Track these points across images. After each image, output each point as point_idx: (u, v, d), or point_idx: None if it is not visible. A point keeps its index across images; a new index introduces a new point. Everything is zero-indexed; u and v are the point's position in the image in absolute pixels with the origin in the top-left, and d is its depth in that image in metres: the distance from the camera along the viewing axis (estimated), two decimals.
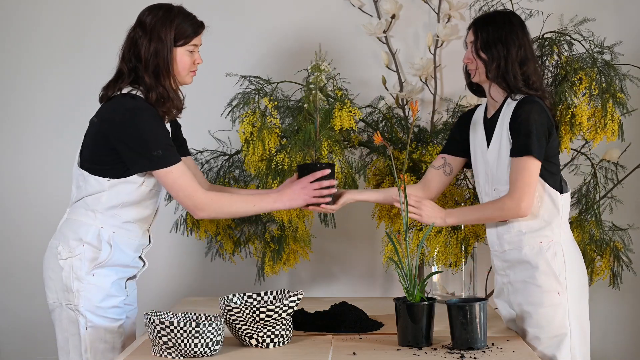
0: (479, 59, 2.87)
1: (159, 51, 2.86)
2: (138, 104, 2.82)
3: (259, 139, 3.27)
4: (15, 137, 4.03)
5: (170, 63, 2.87)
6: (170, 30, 2.87)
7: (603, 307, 3.88)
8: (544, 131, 2.78)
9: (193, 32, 2.92)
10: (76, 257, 2.83)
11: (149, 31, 2.87)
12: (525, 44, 2.86)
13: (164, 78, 2.87)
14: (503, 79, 2.84)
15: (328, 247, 3.97)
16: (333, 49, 3.91)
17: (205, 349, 2.52)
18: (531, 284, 2.82)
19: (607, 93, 3.16)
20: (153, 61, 2.86)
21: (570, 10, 3.51)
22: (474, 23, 2.93)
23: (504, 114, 2.85)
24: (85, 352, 2.84)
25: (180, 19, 2.90)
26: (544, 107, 2.81)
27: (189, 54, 2.92)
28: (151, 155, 2.78)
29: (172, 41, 2.88)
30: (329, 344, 2.71)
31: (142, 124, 2.79)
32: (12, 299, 4.02)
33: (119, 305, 2.90)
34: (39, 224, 3.97)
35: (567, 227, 2.88)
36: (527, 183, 2.75)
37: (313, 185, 2.97)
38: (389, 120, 3.61)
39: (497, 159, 2.85)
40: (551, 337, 2.79)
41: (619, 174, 3.60)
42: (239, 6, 3.97)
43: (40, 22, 3.99)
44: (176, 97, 2.91)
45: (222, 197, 2.91)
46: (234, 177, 3.61)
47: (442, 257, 3.35)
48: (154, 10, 2.91)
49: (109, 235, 2.85)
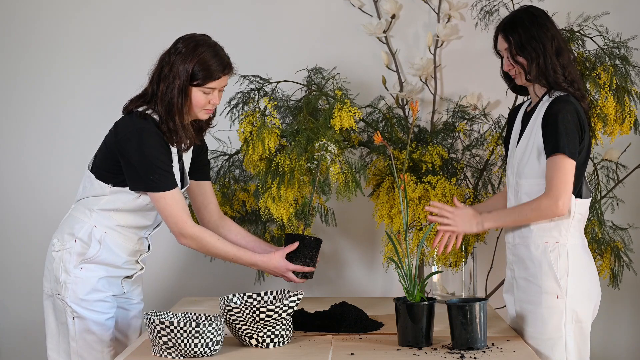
0: (517, 64, 2.84)
1: (174, 86, 2.85)
2: (146, 126, 2.86)
3: (259, 139, 3.27)
4: (17, 136, 4.03)
5: (183, 101, 2.87)
6: (190, 67, 2.85)
7: (603, 307, 3.87)
8: (576, 129, 2.74)
9: (210, 77, 2.87)
10: (66, 251, 2.93)
11: (172, 62, 2.87)
12: (556, 33, 2.84)
13: (174, 114, 2.86)
14: (544, 76, 2.81)
15: (328, 247, 3.96)
16: (333, 49, 3.91)
17: (205, 349, 2.52)
18: (532, 282, 2.81)
19: (623, 88, 3.18)
20: (168, 94, 2.86)
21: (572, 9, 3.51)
22: (501, 29, 2.88)
23: (538, 111, 2.83)
24: (73, 340, 2.92)
25: (205, 58, 2.87)
26: (577, 107, 2.77)
27: (204, 94, 2.90)
28: (147, 178, 2.84)
29: (189, 79, 2.86)
30: (329, 344, 2.71)
31: (144, 146, 2.83)
32: (12, 299, 4.02)
33: (106, 300, 2.96)
34: (39, 223, 3.97)
35: (578, 232, 2.83)
36: (564, 181, 2.71)
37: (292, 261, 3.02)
38: (389, 120, 3.61)
39: (524, 152, 2.84)
40: (546, 339, 2.78)
41: (620, 174, 3.60)
42: (239, 5, 3.97)
43: (41, 23, 3.99)
44: (185, 133, 2.90)
45: (206, 238, 2.93)
46: (234, 177, 3.61)
47: (442, 257, 3.35)
48: (186, 41, 2.90)
49: (101, 235, 2.93)
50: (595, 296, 2.86)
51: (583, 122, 2.78)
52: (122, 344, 3.04)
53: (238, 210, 3.59)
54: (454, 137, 3.63)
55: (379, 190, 3.48)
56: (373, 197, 3.54)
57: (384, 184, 3.47)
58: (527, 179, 2.82)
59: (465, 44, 3.86)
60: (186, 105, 2.88)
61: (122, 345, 3.03)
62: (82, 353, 2.92)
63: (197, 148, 3.09)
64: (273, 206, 3.28)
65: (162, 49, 2.94)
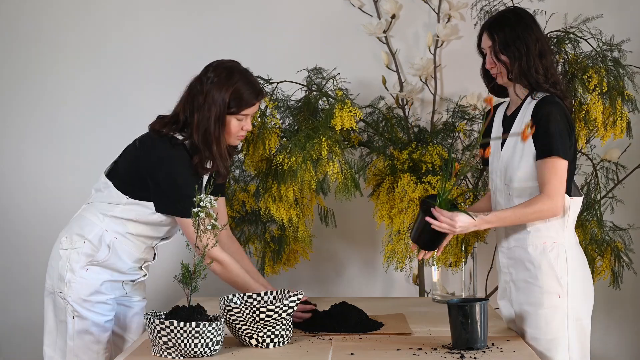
0: (500, 62, 2.84)
1: (211, 116, 2.85)
2: (177, 153, 2.88)
3: (259, 139, 3.27)
4: (18, 139, 4.03)
5: (220, 129, 2.87)
6: (227, 96, 2.86)
7: (603, 307, 3.88)
8: (567, 130, 2.76)
9: (246, 104, 2.89)
10: (75, 250, 2.93)
11: (206, 92, 2.86)
12: (540, 36, 2.84)
13: (211, 143, 2.87)
14: (525, 76, 2.81)
15: (328, 247, 3.97)
16: (333, 49, 3.91)
17: (205, 349, 2.52)
18: (532, 284, 2.81)
19: (615, 91, 3.17)
20: (204, 123, 2.86)
21: (571, 9, 3.51)
22: (487, 27, 2.89)
23: (522, 113, 2.83)
24: (71, 339, 2.93)
25: (239, 86, 2.88)
26: (564, 107, 2.78)
27: (238, 121, 2.91)
28: (176, 204, 2.87)
29: (226, 107, 2.86)
30: (329, 344, 2.71)
31: (176, 174, 2.86)
32: (12, 299, 4.02)
33: (107, 303, 2.98)
34: (39, 224, 3.97)
35: (572, 231, 2.86)
36: (561, 182, 2.73)
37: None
38: (389, 120, 3.61)
39: (512, 156, 2.83)
40: (548, 339, 2.78)
41: (620, 174, 3.60)
42: (239, 6, 3.97)
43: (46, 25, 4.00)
44: (222, 162, 2.91)
45: (231, 265, 2.95)
46: (234, 177, 3.61)
47: (442, 257, 3.35)
48: (217, 68, 2.89)
49: (111, 240, 2.95)
50: (592, 293, 2.87)
51: (571, 122, 2.80)
52: (123, 340, 3.07)
53: (238, 210, 3.59)
54: (454, 137, 3.63)
55: (379, 190, 3.48)
56: (373, 197, 3.54)
57: (384, 184, 3.47)
58: (520, 183, 2.81)
59: (465, 44, 3.86)
60: (222, 134, 2.88)
61: (124, 341, 3.07)
62: (78, 352, 2.94)
63: None
64: (273, 206, 3.28)
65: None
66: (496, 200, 2.93)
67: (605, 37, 3.34)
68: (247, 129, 2.94)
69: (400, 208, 3.36)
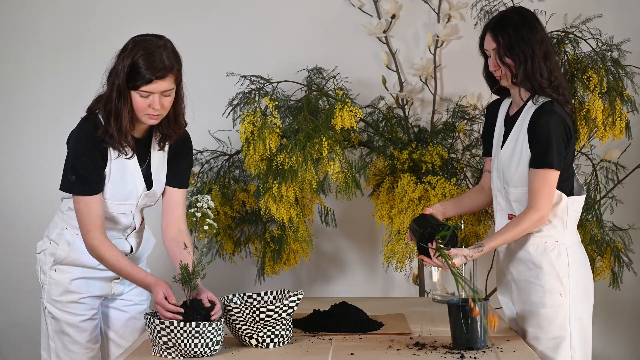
0: (504, 65, 2.79)
1: (113, 87, 2.69)
2: (83, 126, 2.78)
3: (260, 139, 3.27)
4: (13, 137, 4.02)
5: (122, 103, 2.68)
6: (125, 68, 2.66)
7: (603, 307, 3.88)
8: (563, 140, 2.74)
9: (142, 79, 2.65)
10: (43, 252, 2.96)
11: (115, 63, 2.71)
12: (544, 36, 2.80)
13: (111, 116, 2.71)
14: (529, 80, 2.77)
15: (328, 247, 3.97)
16: (333, 49, 3.91)
17: (205, 349, 2.52)
18: (534, 283, 2.81)
19: (615, 91, 3.17)
20: (108, 97, 2.72)
21: (571, 9, 3.51)
22: (490, 28, 2.83)
23: (523, 117, 2.81)
24: (52, 340, 2.94)
25: (139, 59, 2.65)
26: (562, 116, 2.75)
27: (142, 98, 2.68)
28: (66, 177, 2.79)
29: (125, 80, 2.67)
30: (329, 344, 2.71)
31: (73, 146, 2.79)
32: (12, 299, 4.02)
33: (81, 302, 2.91)
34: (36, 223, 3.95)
35: (574, 230, 2.86)
36: (549, 194, 2.74)
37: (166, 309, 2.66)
38: (389, 120, 3.61)
39: (510, 158, 2.83)
40: (550, 339, 2.78)
41: (619, 174, 3.60)
42: (239, 5, 3.97)
43: (41, 23, 3.99)
44: (121, 138, 2.73)
45: (101, 252, 2.77)
46: (234, 177, 3.61)
47: None
48: (132, 40, 2.71)
49: (72, 236, 2.91)
50: (592, 293, 2.88)
51: (569, 130, 2.77)
52: (118, 346, 3.00)
53: (238, 210, 3.59)
54: (454, 137, 3.63)
55: (379, 190, 3.48)
56: (373, 197, 3.54)
57: (384, 184, 3.48)
58: (517, 187, 2.82)
59: (465, 44, 3.86)
60: (125, 109, 2.69)
61: (119, 347, 3.00)
62: (59, 353, 2.93)
63: (172, 153, 2.91)
64: (274, 206, 3.28)
65: None
66: (497, 200, 2.93)
67: (604, 37, 3.35)
68: (155, 108, 2.68)
69: (400, 208, 3.36)
